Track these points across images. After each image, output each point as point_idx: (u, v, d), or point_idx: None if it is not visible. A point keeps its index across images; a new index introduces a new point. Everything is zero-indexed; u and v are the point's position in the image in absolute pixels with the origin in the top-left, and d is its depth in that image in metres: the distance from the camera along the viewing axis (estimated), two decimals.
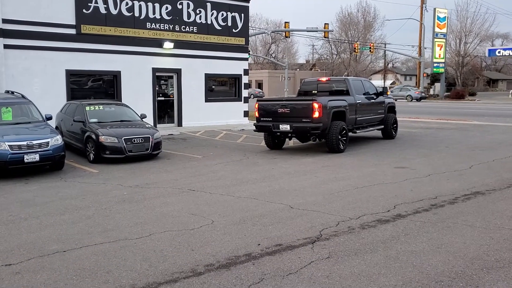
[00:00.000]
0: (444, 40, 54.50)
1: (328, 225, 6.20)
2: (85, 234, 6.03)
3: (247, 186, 8.77)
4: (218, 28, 20.36)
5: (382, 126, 15.64)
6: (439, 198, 7.57)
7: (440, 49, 54.06)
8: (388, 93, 18.05)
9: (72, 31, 16.49)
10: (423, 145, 14.32)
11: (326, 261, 4.96)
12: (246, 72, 21.81)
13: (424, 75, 55.35)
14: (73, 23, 16.47)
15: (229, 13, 20.65)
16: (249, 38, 24.06)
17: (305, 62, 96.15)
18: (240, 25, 21.11)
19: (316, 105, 12.13)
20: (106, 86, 18.04)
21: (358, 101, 13.96)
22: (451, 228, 6.03)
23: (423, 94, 51.14)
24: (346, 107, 13.25)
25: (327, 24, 42.58)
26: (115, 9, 17.34)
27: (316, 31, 50.66)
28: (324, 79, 15.24)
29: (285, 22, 41.68)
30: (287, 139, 14.18)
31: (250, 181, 9.26)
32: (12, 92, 12.57)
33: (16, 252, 5.38)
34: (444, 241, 5.53)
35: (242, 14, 21.16)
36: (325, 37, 51.08)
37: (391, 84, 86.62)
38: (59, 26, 16.15)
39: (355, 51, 59.95)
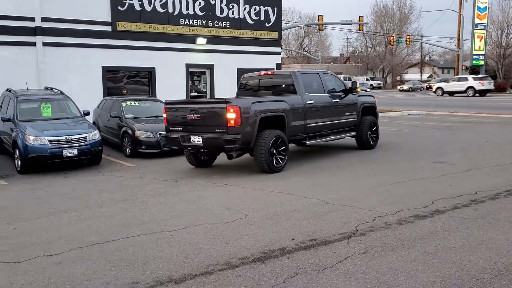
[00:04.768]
0: (484, 31, 52.63)
1: (364, 220, 6.09)
2: (122, 226, 6.15)
3: (280, 181, 8.74)
4: (251, 22, 20.32)
5: (355, 133, 12.27)
6: (479, 194, 7.32)
7: (480, 41, 52.24)
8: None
9: (108, 28, 16.81)
10: (462, 139, 13.90)
11: (362, 256, 4.88)
12: (278, 66, 21.70)
13: (463, 68, 53.62)
14: (109, 20, 16.79)
15: (261, 7, 20.58)
16: (282, 32, 23.93)
17: (339, 56, 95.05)
18: (272, 19, 21.01)
19: (231, 110, 8.91)
20: (141, 82, 18.34)
21: (308, 102, 10.55)
22: (492, 224, 5.82)
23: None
24: (285, 110, 9.95)
25: (362, 16, 41.89)
26: (150, 5, 17.56)
27: (351, 24, 49.96)
28: (266, 73, 11.66)
29: (319, 15, 41.36)
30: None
31: (283, 176, 9.22)
32: (51, 89, 12.95)
33: (57, 243, 5.54)
34: (485, 238, 5.34)
35: (275, 8, 21.04)
36: (359, 30, 50.34)
37: (428, 77, 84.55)
38: (95, 23, 16.50)
39: (390, 44, 58.81)
